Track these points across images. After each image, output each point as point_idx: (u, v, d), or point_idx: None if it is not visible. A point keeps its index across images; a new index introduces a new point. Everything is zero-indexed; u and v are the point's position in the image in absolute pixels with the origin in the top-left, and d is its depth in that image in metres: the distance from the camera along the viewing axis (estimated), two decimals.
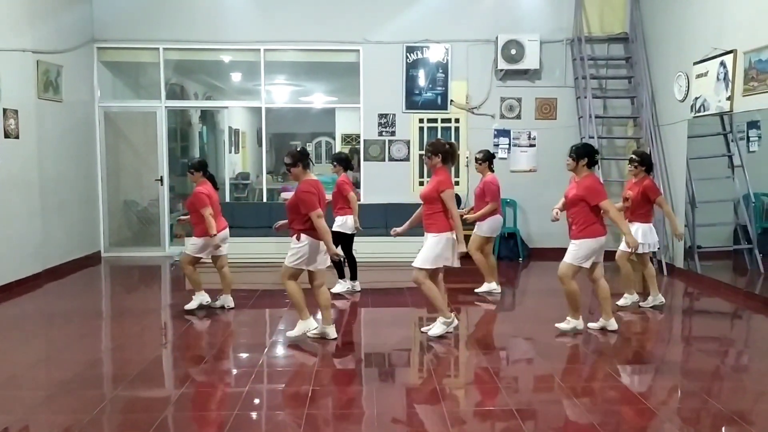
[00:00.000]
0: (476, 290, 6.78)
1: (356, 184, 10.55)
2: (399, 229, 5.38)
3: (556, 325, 5.26)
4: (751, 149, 7.07)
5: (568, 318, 5.22)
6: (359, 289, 6.87)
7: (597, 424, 3.48)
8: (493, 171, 6.72)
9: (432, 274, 5.02)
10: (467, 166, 9.08)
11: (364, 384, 4.20)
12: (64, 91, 8.03)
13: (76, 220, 8.42)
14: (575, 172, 5.11)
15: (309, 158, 4.93)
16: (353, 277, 6.92)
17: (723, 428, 3.53)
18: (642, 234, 5.82)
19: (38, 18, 7.51)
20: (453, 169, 8.45)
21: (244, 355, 4.88)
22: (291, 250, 4.88)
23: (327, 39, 9.01)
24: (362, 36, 8.96)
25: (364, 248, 8.38)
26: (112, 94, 9.46)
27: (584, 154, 5.02)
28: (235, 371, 4.55)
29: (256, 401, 3.92)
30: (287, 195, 10.38)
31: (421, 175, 9.22)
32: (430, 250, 4.92)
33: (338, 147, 14.33)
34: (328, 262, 5.03)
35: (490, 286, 6.78)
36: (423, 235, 5.07)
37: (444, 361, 4.78)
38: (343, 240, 6.60)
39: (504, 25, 8.86)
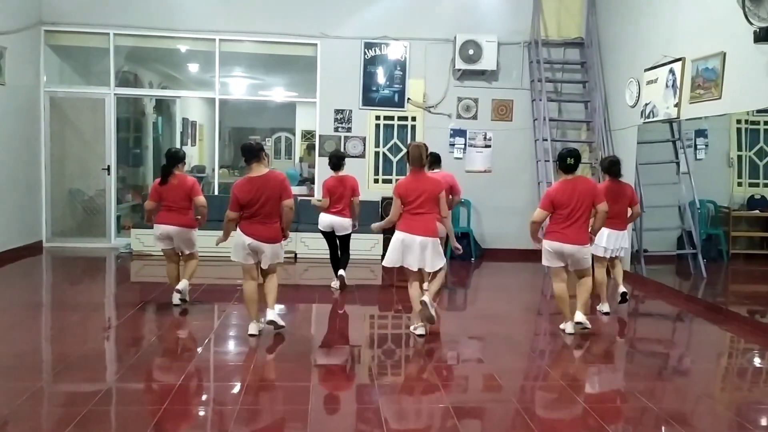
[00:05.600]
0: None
1: (311, 180, 10.49)
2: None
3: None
4: (698, 157, 7.24)
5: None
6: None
7: (534, 425, 3.48)
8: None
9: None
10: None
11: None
12: (6, 74, 7.70)
13: (15, 208, 8.08)
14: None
15: (253, 155, 4.79)
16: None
17: (663, 429, 3.54)
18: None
19: None
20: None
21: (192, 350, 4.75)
22: None
23: (284, 32, 8.87)
24: (320, 30, 8.86)
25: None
26: (59, 79, 9.13)
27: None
28: (194, 368, 4.43)
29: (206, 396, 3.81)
30: None
31: (377, 173, 9.18)
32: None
33: (298, 143, 14.23)
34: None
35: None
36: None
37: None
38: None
39: (463, 25, 8.87)
